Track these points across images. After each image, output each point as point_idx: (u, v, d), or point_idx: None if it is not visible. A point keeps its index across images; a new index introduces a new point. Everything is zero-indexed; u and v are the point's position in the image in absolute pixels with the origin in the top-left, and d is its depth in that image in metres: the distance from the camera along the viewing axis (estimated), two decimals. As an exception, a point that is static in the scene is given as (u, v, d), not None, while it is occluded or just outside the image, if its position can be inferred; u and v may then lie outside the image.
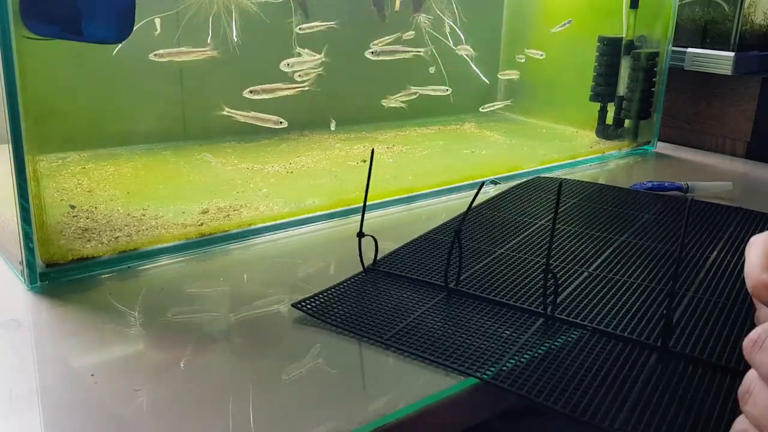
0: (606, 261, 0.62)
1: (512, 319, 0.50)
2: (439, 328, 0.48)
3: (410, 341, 0.47)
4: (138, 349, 0.46)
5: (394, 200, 0.77)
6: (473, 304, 0.53)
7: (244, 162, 0.84)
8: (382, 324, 0.49)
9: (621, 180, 0.92)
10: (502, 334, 0.48)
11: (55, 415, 0.39)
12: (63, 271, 0.56)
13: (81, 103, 0.81)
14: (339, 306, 0.52)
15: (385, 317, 0.50)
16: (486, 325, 0.49)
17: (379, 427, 0.39)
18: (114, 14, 0.56)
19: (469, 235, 0.67)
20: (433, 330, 0.48)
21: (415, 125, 1.11)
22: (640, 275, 0.59)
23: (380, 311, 0.51)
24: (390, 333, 0.48)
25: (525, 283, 0.56)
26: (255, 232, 0.66)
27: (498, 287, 0.55)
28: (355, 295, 0.54)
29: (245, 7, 0.78)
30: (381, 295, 0.54)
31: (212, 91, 0.92)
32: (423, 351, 0.45)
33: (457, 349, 0.46)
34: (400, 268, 0.59)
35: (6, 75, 0.49)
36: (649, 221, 0.73)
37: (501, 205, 0.77)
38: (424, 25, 0.97)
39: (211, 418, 0.39)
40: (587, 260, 0.62)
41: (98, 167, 0.78)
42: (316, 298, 0.53)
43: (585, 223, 0.71)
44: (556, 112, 1.19)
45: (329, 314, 0.51)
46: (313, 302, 0.52)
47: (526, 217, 0.73)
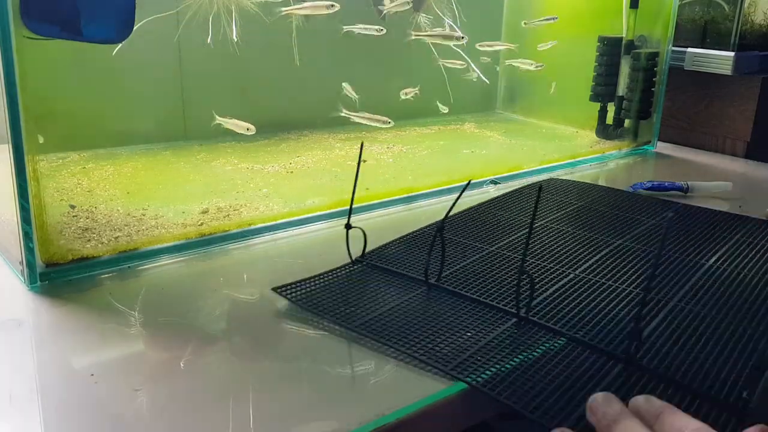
0: (595, 264, 0.61)
1: (485, 317, 0.50)
2: (406, 321, 0.49)
3: (378, 330, 0.47)
4: (138, 349, 0.46)
5: (394, 200, 0.77)
6: (450, 300, 0.53)
7: (244, 162, 0.84)
8: (355, 313, 0.50)
9: (621, 180, 0.92)
10: (468, 332, 0.48)
11: (55, 415, 0.39)
12: (63, 271, 0.56)
13: (81, 103, 0.81)
14: (319, 294, 0.53)
15: (360, 306, 0.51)
16: (456, 321, 0.49)
17: (379, 428, 0.39)
18: (114, 14, 0.56)
19: (462, 232, 0.67)
20: (401, 322, 0.49)
21: (415, 125, 1.11)
22: (626, 280, 0.58)
23: (356, 301, 0.52)
24: (359, 321, 0.48)
25: (505, 282, 0.56)
26: (255, 232, 0.66)
27: (478, 285, 0.55)
28: (337, 285, 0.54)
29: (245, 6, 0.78)
30: (362, 286, 0.55)
31: (212, 91, 0.92)
32: (388, 340, 0.46)
33: (419, 342, 0.46)
34: (386, 261, 0.59)
35: (6, 75, 0.49)
36: (670, 220, 0.72)
37: (505, 205, 0.77)
38: (425, 25, 0.97)
39: (210, 418, 0.39)
40: (576, 262, 0.61)
41: (98, 167, 0.78)
42: (298, 286, 0.54)
43: (583, 225, 0.71)
44: (556, 112, 1.19)
45: (307, 301, 0.51)
46: (294, 289, 0.53)
47: (527, 216, 0.73)
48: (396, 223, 0.71)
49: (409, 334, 0.47)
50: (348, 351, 0.46)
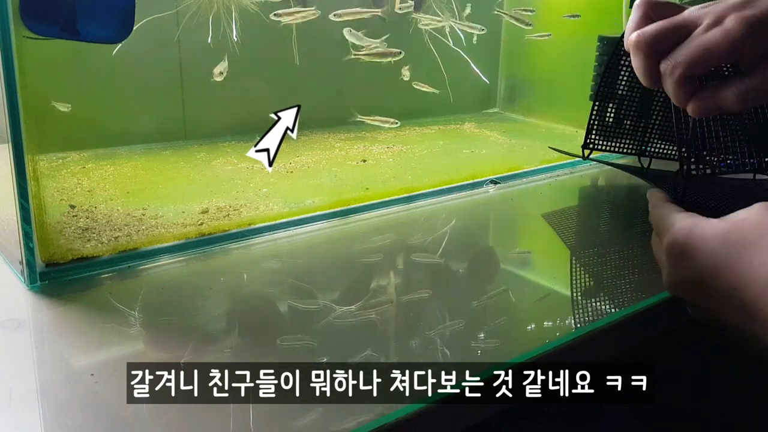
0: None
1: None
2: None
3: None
4: (138, 349, 0.46)
5: (394, 200, 0.77)
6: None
7: (244, 161, 0.84)
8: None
9: (621, 180, 0.92)
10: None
11: (55, 415, 0.39)
12: (63, 270, 0.56)
13: (81, 103, 0.81)
14: None
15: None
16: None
17: (379, 427, 0.39)
18: (114, 14, 0.56)
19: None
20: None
21: (415, 125, 1.11)
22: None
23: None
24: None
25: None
26: (255, 232, 0.66)
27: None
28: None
29: (245, 6, 0.78)
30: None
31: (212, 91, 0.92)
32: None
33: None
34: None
35: (6, 75, 0.49)
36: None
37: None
38: (424, 25, 0.97)
39: (211, 418, 0.39)
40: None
41: (98, 167, 0.78)
42: None
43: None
44: (556, 112, 1.19)
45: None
46: None
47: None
48: (396, 223, 0.72)
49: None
50: (349, 350, 0.46)
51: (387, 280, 0.59)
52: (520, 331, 0.51)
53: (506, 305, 0.56)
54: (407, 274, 0.60)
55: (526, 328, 0.51)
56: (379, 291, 0.56)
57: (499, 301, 0.56)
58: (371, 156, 0.91)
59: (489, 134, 1.10)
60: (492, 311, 0.54)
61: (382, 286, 0.57)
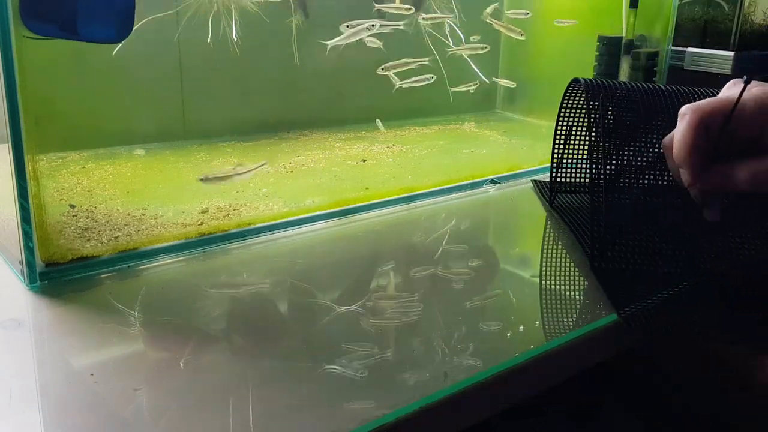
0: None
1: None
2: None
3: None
4: (138, 349, 0.46)
5: (394, 200, 0.77)
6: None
7: (244, 161, 0.84)
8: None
9: (621, 180, 0.91)
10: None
11: (55, 415, 0.39)
12: (63, 270, 0.56)
13: (81, 103, 0.81)
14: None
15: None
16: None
17: (379, 427, 0.39)
18: (113, 14, 0.56)
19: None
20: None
21: (415, 125, 1.11)
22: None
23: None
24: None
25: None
26: (255, 232, 0.66)
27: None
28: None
29: (245, 6, 0.78)
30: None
31: (212, 91, 0.92)
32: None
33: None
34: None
35: (6, 75, 0.49)
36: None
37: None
38: (424, 25, 0.97)
39: (211, 418, 0.39)
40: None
41: (98, 167, 0.78)
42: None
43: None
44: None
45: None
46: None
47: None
48: (396, 223, 0.72)
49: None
50: (349, 350, 0.46)
51: (387, 280, 0.59)
52: (519, 331, 0.51)
53: (506, 305, 0.56)
54: (407, 274, 0.60)
55: (525, 328, 0.51)
56: (379, 290, 0.56)
57: (498, 301, 0.56)
58: (371, 156, 0.91)
59: (489, 134, 1.10)
60: (492, 311, 0.54)
61: (382, 286, 0.57)
